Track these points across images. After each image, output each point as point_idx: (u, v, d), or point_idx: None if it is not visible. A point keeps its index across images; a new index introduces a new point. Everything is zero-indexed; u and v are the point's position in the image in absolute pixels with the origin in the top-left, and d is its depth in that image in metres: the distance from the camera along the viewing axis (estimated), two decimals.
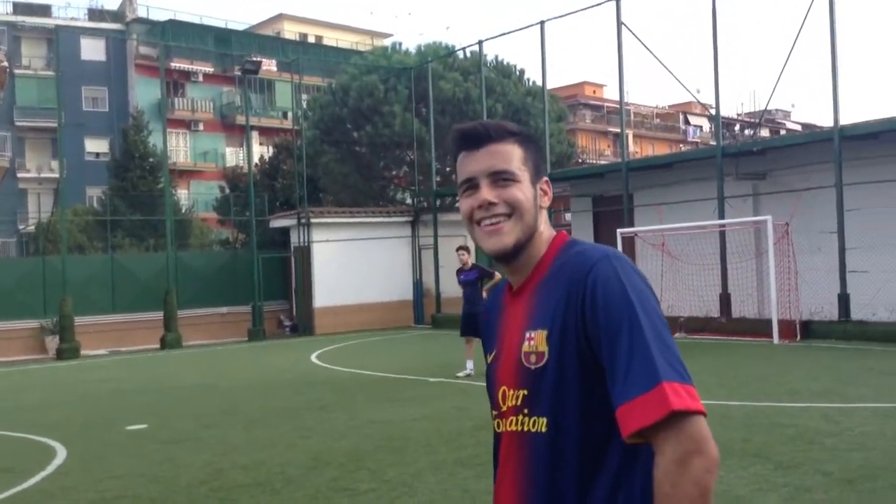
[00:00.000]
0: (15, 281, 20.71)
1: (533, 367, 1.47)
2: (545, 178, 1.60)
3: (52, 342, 19.98)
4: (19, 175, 38.34)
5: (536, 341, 1.47)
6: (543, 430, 1.46)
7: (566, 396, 1.43)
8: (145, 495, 6.14)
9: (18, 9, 40.12)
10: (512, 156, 1.53)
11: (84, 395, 12.36)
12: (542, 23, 20.40)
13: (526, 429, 1.49)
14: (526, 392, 1.48)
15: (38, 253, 24.93)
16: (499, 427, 1.58)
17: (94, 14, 42.16)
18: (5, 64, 21.16)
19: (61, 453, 7.76)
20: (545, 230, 1.58)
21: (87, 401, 11.62)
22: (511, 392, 1.52)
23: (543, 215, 1.58)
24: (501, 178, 1.52)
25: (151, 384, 13.10)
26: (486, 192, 1.53)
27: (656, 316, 1.39)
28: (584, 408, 1.42)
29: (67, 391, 12.99)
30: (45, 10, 40.88)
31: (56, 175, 31.68)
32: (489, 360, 1.64)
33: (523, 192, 1.53)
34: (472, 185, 1.55)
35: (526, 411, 1.48)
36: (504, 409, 1.54)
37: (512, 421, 1.52)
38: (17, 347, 20.29)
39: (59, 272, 19.84)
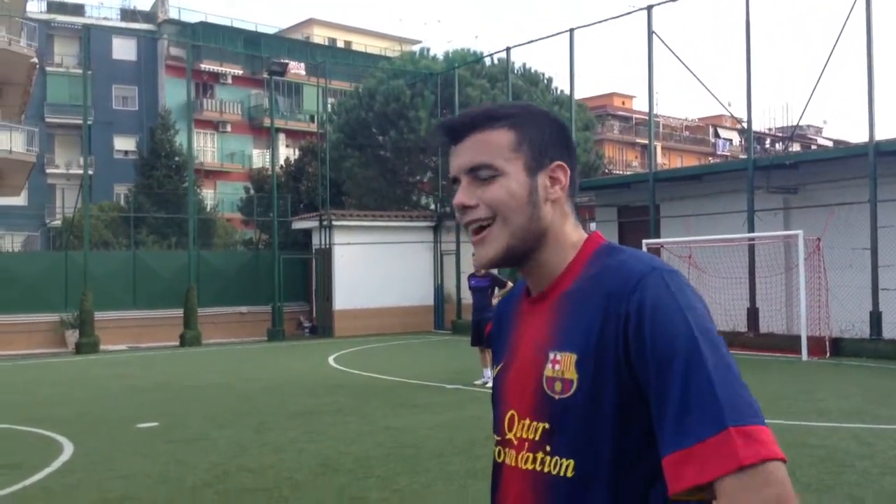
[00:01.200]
0: (38, 274, 20.81)
1: (558, 396, 1.21)
2: (557, 163, 1.29)
3: (72, 336, 20.03)
4: (48, 171, 38.79)
5: (563, 366, 1.21)
6: (569, 474, 1.20)
7: (598, 435, 1.18)
8: (148, 498, 5.99)
9: (52, 7, 40.63)
10: (497, 144, 1.27)
11: (99, 390, 12.30)
12: (571, 31, 20.16)
13: (546, 470, 1.22)
14: (547, 425, 1.22)
15: (63, 248, 25.06)
16: (500, 456, 1.32)
17: (127, 14, 42.61)
18: (34, 60, 21.34)
19: (69, 449, 7.64)
20: (570, 230, 1.30)
21: (102, 397, 11.54)
22: (526, 422, 1.25)
23: (561, 211, 1.30)
24: (481, 173, 1.27)
25: (167, 382, 13.01)
26: (461, 194, 1.28)
27: (719, 342, 1.14)
28: (619, 449, 1.18)
29: (82, 386, 12.94)
30: (78, 10, 41.36)
31: None
32: (496, 372, 1.38)
33: (508, 187, 1.25)
34: (457, 183, 1.31)
35: (547, 448, 1.22)
36: (510, 438, 1.28)
37: (528, 458, 1.25)
38: (37, 340, 20.39)
39: (81, 267, 19.90)
